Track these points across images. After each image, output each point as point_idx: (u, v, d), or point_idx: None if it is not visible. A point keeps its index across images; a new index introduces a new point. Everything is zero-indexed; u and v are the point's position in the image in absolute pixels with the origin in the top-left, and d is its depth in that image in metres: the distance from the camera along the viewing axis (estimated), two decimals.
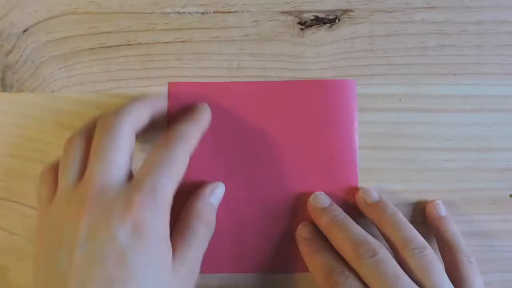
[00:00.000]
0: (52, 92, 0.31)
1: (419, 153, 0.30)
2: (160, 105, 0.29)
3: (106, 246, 0.22)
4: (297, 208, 0.29)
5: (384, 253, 0.25)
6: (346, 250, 0.26)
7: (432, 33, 0.30)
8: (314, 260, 0.27)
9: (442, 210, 0.29)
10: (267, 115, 0.30)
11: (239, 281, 0.30)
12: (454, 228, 0.29)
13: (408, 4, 0.30)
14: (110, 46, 0.31)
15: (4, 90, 0.31)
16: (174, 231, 0.26)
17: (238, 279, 0.30)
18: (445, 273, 0.25)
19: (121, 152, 0.24)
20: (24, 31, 0.31)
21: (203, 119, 0.28)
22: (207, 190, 0.28)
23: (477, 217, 0.30)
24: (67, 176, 0.25)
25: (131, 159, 0.25)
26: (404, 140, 0.30)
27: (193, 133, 0.27)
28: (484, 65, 0.30)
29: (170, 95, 0.30)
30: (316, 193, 0.29)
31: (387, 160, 0.30)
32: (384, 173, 0.30)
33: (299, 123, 0.30)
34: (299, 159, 0.29)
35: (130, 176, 0.25)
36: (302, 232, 0.29)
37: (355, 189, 0.29)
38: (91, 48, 0.31)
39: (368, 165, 0.30)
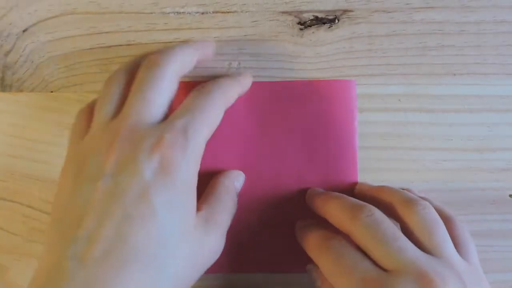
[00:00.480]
0: (52, 92, 0.31)
1: (419, 153, 0.30)
2: (207, 49, 0.28)
3: (129, 181, 0.21)
4: (297, 208, 0.29)
5: (381, 214, 0.25)
6: (341, 216, 0.25)
7: (432, 33, 0.30)
8: (306, 234, 0.27)
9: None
10: (267, 115, 0.30)
11: (239, 281, 0.30)
12: (436, 201, 0.28)
13: (407, 4, 0.30)
14: (109, 46, 0.31)
15: (3, 90, 0.31)
16: (200, 199, 0.26)
17: (238, 279, 0.30)
18: (447, 233, 0.25)
19: (161, 93, 0.24)
20: (24, 31, 0.31)
21: (244, 80, 0.28)
22: (233, 174, 0.29)
23: (477, 217, 0.30)
24: (103, 111, 0.24)
25: (170, 103, 0.25)
26: (404, 140, 0.30)
27: (232, 87, 0.27)
28: (484, 65, 0.30)
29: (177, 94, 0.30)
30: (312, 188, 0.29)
31: (386, 160, 0.30)
32: (383, 173, 0.30)
33: (300, 123, 0.30)
34: (299, 159, 0.29)
35: (166, 119, 0.24)
36: (299, 223, 0.29)
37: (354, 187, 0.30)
38: (90, 48, 0.31)
39: (367, 165, 0.30)
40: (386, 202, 0.27)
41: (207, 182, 0.28)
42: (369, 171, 0.30)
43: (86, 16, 0.30)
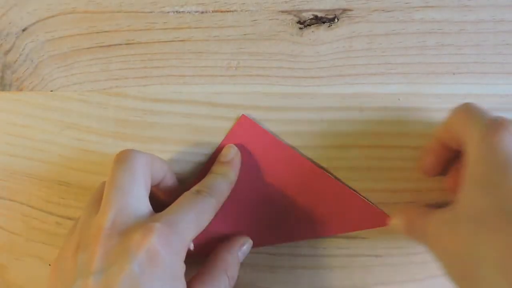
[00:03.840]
0: (51, 91, 0.31)
1: (418, 153, 0.30)
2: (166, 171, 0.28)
3: (120, 275, 0.22)
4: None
5: None
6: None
7: (431, 32, 0.30)
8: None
9: None
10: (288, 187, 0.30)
11: (241, 280, 0.30)
12: None
13: (407, 3, 0.30)
14: (109, 45, 0.31)
15: (3, 89, 0.31)
16: (197, 277, 0.26)
17: (237, 279, 0.30)
18: None
19: (136, 182, 0.24)
20: (23, 30, 0.31)
21: (234, 177, 0.29)
22: (237, 244, 0.29)
23: None
24: (86, 210, 0.25)
25: (147, 194, 0.25)
26: (403, 139, 0.30)
27: (224, 189, 0.28)
28: (483, 64, 0.30)
29: (236, 126, 0.30)
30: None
31: (386, 159, 0.30)
32: (383, 173, 0.30)
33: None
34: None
35: (150, 212, 0.25)
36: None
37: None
38: (90, 47, 0.31)
39: (367, 164, 0.30)
40: None
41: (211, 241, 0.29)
42: (368, 171, 0.30)
43: (85, 15, 0.30)
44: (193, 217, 0.25)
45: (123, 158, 0.25)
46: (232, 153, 0.29)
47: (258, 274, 0.31)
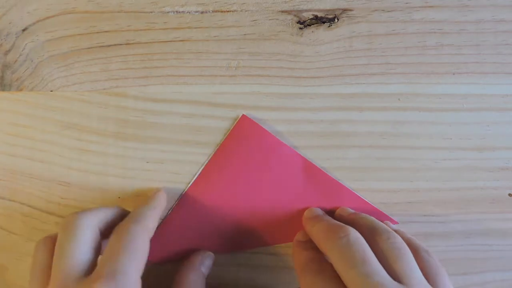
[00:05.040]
0: (51, 91, 0.31)
1: (418, 152, 0.30)
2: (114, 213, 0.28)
3: None
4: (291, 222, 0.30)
5: (356, 236, 0.25)
6: (320, 237, 0.26)
7: (431, 32, 0.30)
8: (297, 254, 0.28)
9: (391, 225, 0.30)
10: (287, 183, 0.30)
11: (242, 280, 0.30)
12: (408, 234, 0.28)
13: (407, 3, 0.30)
14: (109, 45, 0.31)
15: (3, 89, 0.31)
16: None
17: (237, 279, 0.30)
18: (415, 262, 0.25)
19: (80, 245, 0.25)
20: (23, 30, 0.31)
21: (160, 204, 0.29)
22: (197, 261, 0.29)
23: (476, 216, 0.30)
24: (34, 281, 0.25)
25: (97, 251, 0.25)
26: (403, 139, 0.30)
27: (150, 218, 0.27)
28: (483, 64, 0.30)
29: (237, 125, 0.30)
30: (311, 208, 0.30)
31: (385, 159, 0.30)
32: (383, 172, 0.30)
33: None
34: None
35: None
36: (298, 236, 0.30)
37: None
38: (90, 47, 0.31)
39: (367, 164, 0.30)
40: (358, 230, 0.27)
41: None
42: (369, 170, 0.30)
43: (85, 15, 0.30)
44: (130, 254, 0.24)
45: (65, 223, 0.25)
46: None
47: (258, 274, 0.31)
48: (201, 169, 0.30)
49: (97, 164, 0.31)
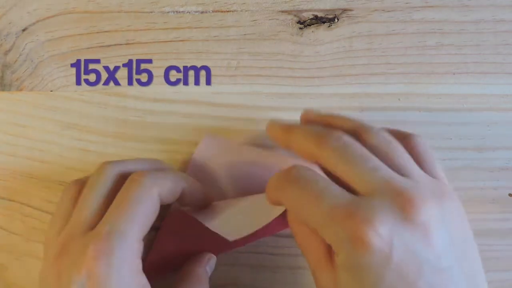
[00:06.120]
0: (51, 91, 0.31)
1: None
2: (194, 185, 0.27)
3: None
4: None
5: (349, 137, 0.23)
6: (307, 144, 0.23)
7: (431, 32, 0.30)
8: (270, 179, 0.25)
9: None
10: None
11: (238, 281, 0.30)
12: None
13: (407, 3, 0.30)
14: (109, 45, 0.31)
15: (3, 89, 0.31)
16: None
17: (237, 279, 0.30)
18: (407, 152, 0.23)
19: (96, 198, 0.24)
20: (23, 30, 0.31)
21: (187, 182, 0.27)
22: (204, 259, 0.28)
23: (476, 216, 0.30)
24: (52, 227, 0.25)
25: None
26: None
27: (164, 176, 0.25)
28: (483, 64, 0.30)
29: (201, 146, 0.30)
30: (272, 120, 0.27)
31: None
32: None
33: None
34: None
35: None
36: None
37: None
38: (90, 47, 0.31)
39: None
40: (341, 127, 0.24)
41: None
42: None
43: (85, 15, 0.30)
44: (131, 214, 0.23)
45: (95, 173, 0.25)
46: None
47: (258, 274, 0.31)
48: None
49: (97, 164, 0.31)
